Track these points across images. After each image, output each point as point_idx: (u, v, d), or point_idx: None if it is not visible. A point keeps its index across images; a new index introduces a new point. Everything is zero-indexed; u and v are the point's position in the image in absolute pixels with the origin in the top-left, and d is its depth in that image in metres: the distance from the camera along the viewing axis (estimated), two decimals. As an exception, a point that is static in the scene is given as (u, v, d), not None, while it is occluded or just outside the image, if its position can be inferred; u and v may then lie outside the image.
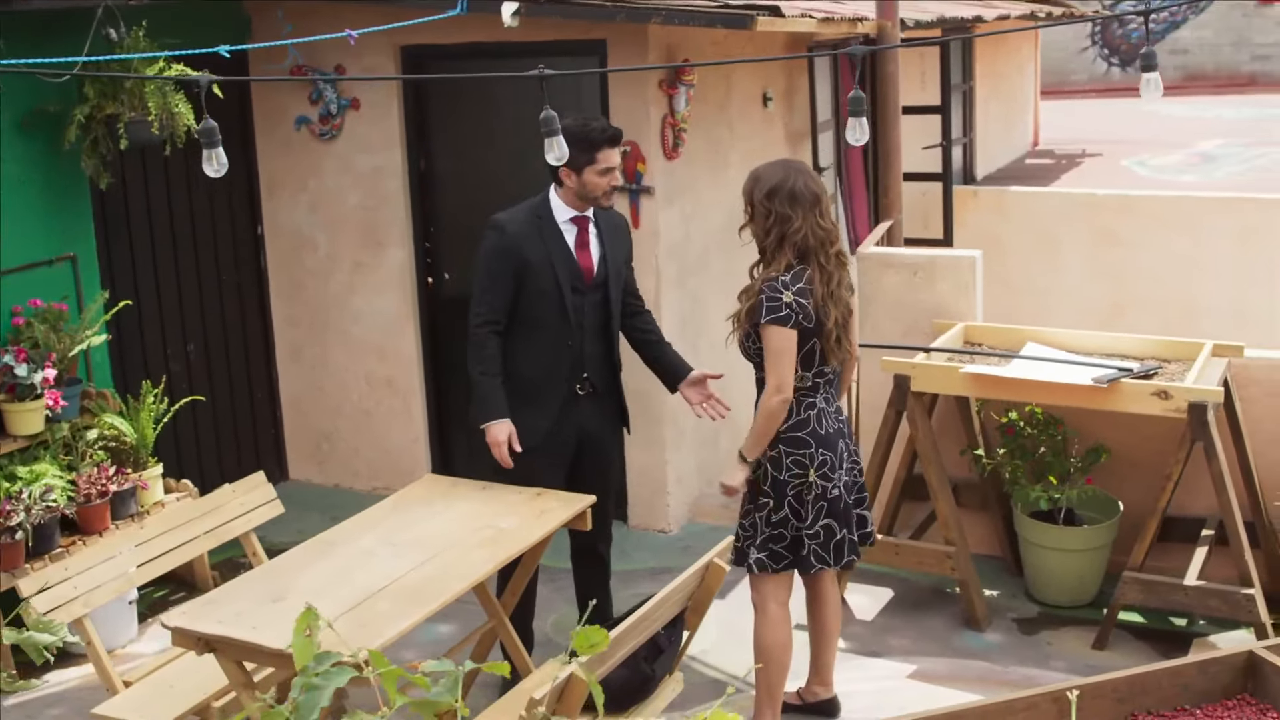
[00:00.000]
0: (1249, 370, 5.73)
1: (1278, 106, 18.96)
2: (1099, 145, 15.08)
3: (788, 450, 4.44)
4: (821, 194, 4.43)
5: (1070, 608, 5.88)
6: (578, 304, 4.91)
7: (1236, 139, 14.87)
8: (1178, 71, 24.55)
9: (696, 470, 7.22)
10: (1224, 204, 10.09)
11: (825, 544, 4.50)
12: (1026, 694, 2.84)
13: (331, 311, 7.55)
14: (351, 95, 7.15)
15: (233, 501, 4.81)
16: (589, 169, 4.78)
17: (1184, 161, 13.28)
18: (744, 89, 7.49)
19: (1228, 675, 3.03)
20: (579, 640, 1.81)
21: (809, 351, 4.40)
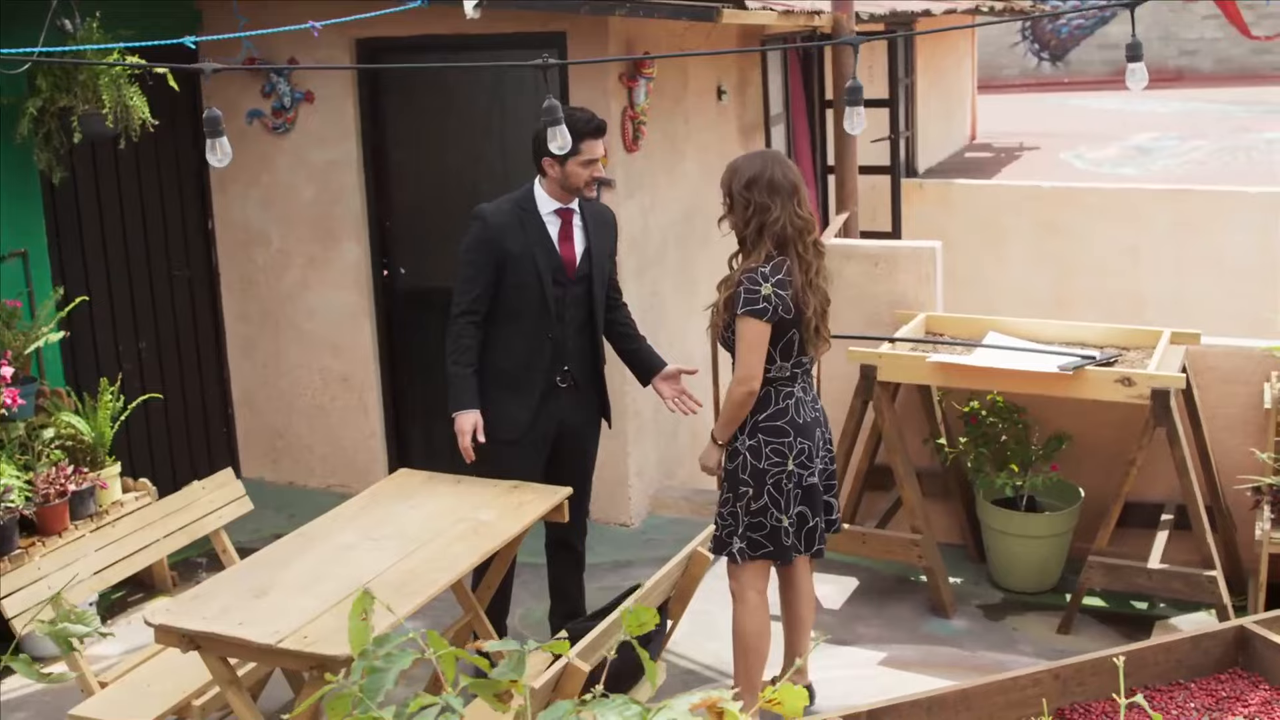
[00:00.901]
0: (1205, 357, 5.82)
1: (1205, 100, 19.27)
2: (1035, 139, 15.27)
3: (767, 439, 4.45)
4: (799, 184, 4.45)
5: (1033, 593, 5.95)
6: (559, 296, 4.89)
7: (1169, 132, 15.10)
8: (1106, 66, 24.91)
9: (657, 463, 7.23)
10: (1165, 195, 10.25)
11: (798, 531, 4.53)
12: (1031, 671, 2.87)
13: (284, 307, 7.47)
14: (305, 88, 7.07)
15: (202, 499, 4.75)
16: (572, 160, 4.76)
17: (1120, 154, 13.47)
18: (699, 83, 7.50)
19: (1220, 649, 3.09)
20: (629, 619, 1.79)
21: (788, 341, 4.42)
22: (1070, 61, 25.59)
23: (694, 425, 7.83)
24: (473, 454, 4.78)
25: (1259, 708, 2.94)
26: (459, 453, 4.87)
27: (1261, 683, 3.03)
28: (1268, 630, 3.08)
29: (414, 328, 7.35)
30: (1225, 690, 3.01)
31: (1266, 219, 9.87)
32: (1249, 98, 18.56)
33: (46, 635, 2.07)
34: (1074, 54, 25.58)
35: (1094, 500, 5.96)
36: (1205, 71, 23.36)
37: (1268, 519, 5.34)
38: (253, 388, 7.67)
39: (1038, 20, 25.16)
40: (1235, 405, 5.84)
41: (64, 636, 2.05)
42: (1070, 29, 25.60)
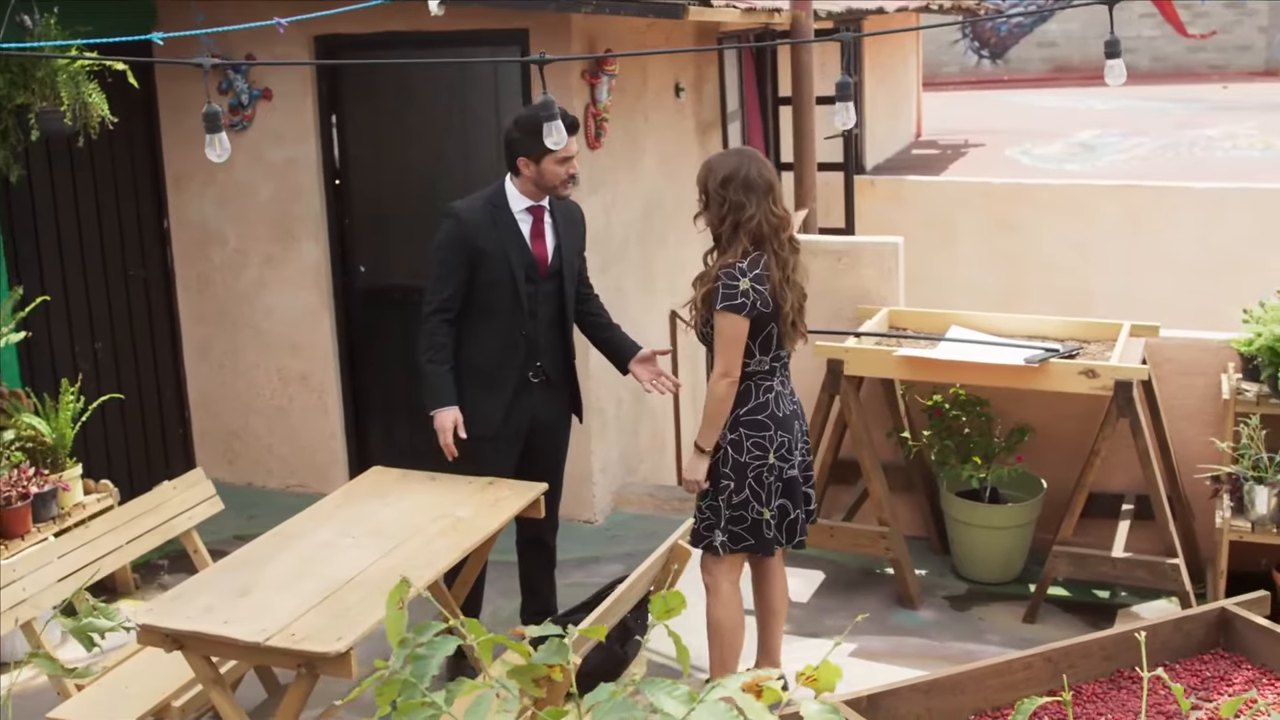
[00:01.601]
0: (1164, 350, 5.90)
1: (1144, 98, 19.52)
2: (979, 136, 15.40)
3: (748, 433, 4.47)
4: (774, 182, 4.47)
5: (998, 584, 6.01)
6: (531, 293, 4.89)
7: (1111, 129, 15.29)
8: (1045, 64, 25.19)
9: (619, 459, 7.24)
10: (1114, 191, 10.38)
11: (779, 524, 4.56)
12: (1024, 655, 2.93)
13: (242, 307, 7.41)
14: (263, 86, 7.02)
15: (173, 499, 4.71)
16: (547, 158, 4.76)
17: (1065, 151, 13.62)
18: (658, 80, 7.52)
19: (1202, 631, 3.17)
20: (657, 605, 1.81)
21: (766, 336, 4.44)
22: (1010, 59, 25.76)
23: (654, 422, 7.85)
24: (455, 450, 4.77)
25: (1243, 687, 3.01)
26: (423, 451, 4.85)
27: (1244, 663, 3.10)
28: (1249, 611, 3.15)
29: (374, 326, 7.32)
30: (1209, 670, 3.08)
31: (1211, 214, 10.04)
32: (1186, 95, 18.84)
33: (70, 632, 2.06)
34: (1013, 52, 25.74)
35: (1055, 491, 6.03)
36: (1142, 69, 23.65)
37: (1227, 507, 5.43)
38: (209, 388, 7.60)
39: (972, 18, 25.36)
40: (1193, 396, 5.93)
41: (86, 633, 2.03)
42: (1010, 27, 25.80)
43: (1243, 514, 5.39)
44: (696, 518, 4.64)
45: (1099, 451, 5.48)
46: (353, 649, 3.42)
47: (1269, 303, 5.68)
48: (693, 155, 8.24)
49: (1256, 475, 5.34)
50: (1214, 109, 17.04)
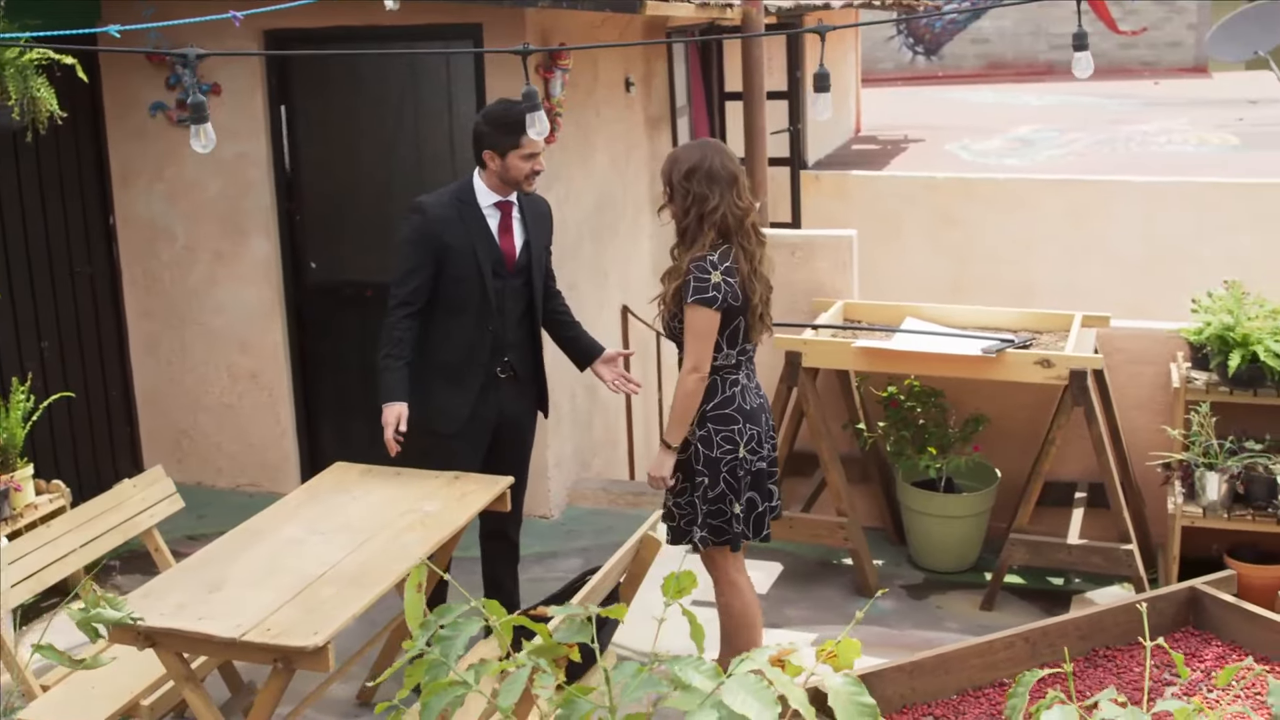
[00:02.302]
0: (1114, 339, 6.00)
1: (1078, 94, 19.74)
2: (918, 131, 15.52)
3: (717, 428, 4.48)
4: (739, 173, 4.48)
5: (953, 573, 6.08)
6: (499, 289, 4.87)
7: (1048, 124, 15.46)
8: (979, 60, 25.44)
9: (573, 455, 7.24)
10: (1055, 186, 10.52)
11: (748, 517, 4.57)
12: (1003, 635, 2.98)
13: (190, 304, 7.33)
14: (212, 80, 6.95)
15: (134, 497, 4.66)
16: (513, 153, 4.75)
17: (1004, 146, 13.76)
18: (609, 75, 7.52)
19: (1172, 610, 3.24)
20: (669, 585, 1.82)
21: (734, 330, 4.45)
22: (944, 56, 26.04)
23: (607, 416, 7.86)
24: (395, 446, 4.73)
25: (1214, 663, 3.08)
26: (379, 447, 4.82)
27: (1213, 639, 3.18)
28: (1217, 590, 3.23)
29: (326, 323, 7.27)
30: (1180, 648, 3.16)
31: (1150, 208, 10.19)
32: (1119, 91, 19.08)
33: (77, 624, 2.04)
34: (948, 48, 26.03)
35: (1008, 480, 6.11)
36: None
37: (1179, 493, 5.52)
38: (157, 386, 7.52)
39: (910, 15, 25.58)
40: (1143, 385, 6.03)
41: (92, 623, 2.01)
42: (944, 23, 26.06)
43: (1194, 500, 5.49)
44: (673, 515, 4.65)
45: (1054, 440, 5.56)
46: (330, 643, 3.40)
47: (1216, 293, 5.78)
48: (642, 150, 8.27)
49: (1207, 462, 5.44)
50: (1147, 105, 17.29)
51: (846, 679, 1.65)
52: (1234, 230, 9.63)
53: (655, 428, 8.72)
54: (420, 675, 1.64)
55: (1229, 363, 5.39)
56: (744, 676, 1.58)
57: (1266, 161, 11.77)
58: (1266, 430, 5.55)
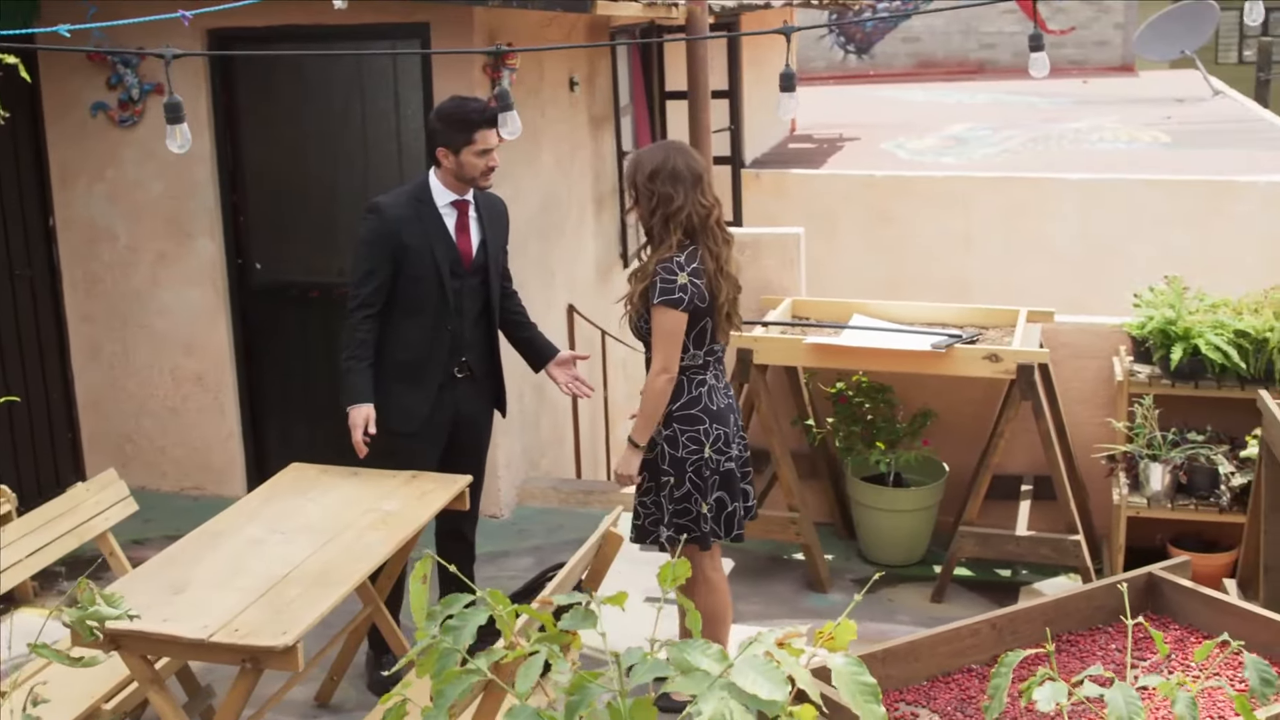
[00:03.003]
0: (1059, 334, 6.10)
1: (1008, 92, 19.98)
2: (852, 130, 15.64)
3: (682, 428, 4.51)
4: (702, 172, 4.52)
5: (903, 566, 6.15)
6: (457, 288, 4.88)
7: (981, 123, 15.63)
8: (910, 59, 25.65)
9: (522, 454, 7.25)
10: (992, 183, 10.65)
11: (717, 517, 4.60)
12: (970, 622, 3.04)
13: (133, 306, 7.26)
14: (154, 80, 6.89)
15: (88, 501, 4.61)
16: (467, 149, 4.75)
17: (939, 144, 13.90)
18: (554, 74, 7.54)
19: (1131, 595, 3.30)
20: (664, 574, 1.85)
21: (701, 330, 4.48)
22: (875, 55, 26.25)
23: (554, 415, 7.88)
24: (365, 449, 4.73)
25: (1173, 645, 3.16)
26: (324, 449, 4.82)
27: (1171, 623, 3.26)
28: (1174, 575, 3.31)
29: (271, 324, 7.23)
30: (1140, 631, 3.23)
31: (1084, 204, 10.35)
32: (1049, 89, 19.30)
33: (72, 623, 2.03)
34: (879, 47, 26.25)
35: (955, 474, 6.20)
36: (1004, 64, 24.21)
37: (1124, 485, 5.63)
38: (99, 390, 7.44)
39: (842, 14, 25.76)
40: (1086, 379, 6.14)
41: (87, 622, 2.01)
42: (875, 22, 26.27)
43: (1139, 491, 5.61)
44: (639, 514, 4.68)
45: (1003, 433, 5.65)
46: (299, 642, 3.40)
47: (1158, 288, 5.89)
48: (586, 149, 8.29)
49: (1151, 453, 5.56)
50: (1077, 103, 17.53)
51: (848, 659, 1.69)
52: (1167, 226, 9.81)
53: (601, 426, 8.75)
54: (432, 665, 1.66)
55: (1171, 356, 5.50)
56: (753, 657, 1.61)
57: (1196, 159, 11.99)
58: (1207, 421, 5.66)
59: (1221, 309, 5.66)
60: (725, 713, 1.53)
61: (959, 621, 3.06)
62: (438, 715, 1.62)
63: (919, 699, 2.92)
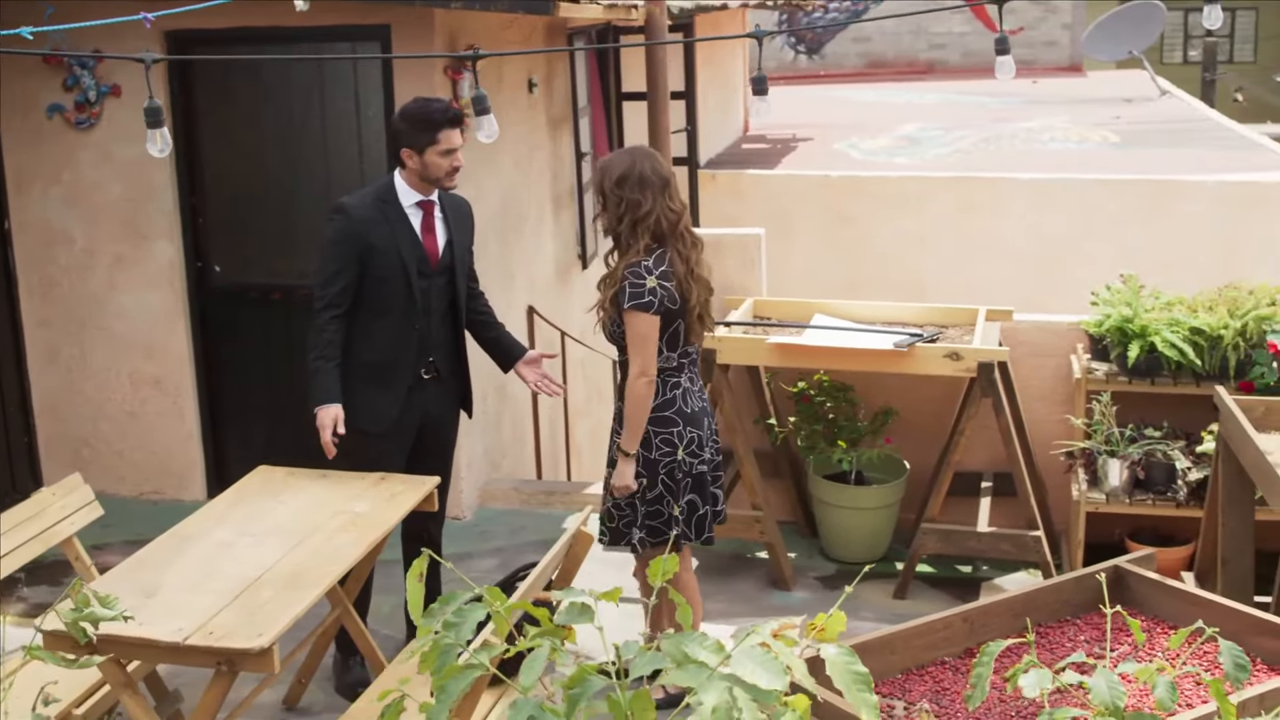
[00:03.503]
0: (1017, 332, 6.17)
1: (958, 92, 20.14)
2: (805, 130, 15.72)
3: (656, 430, 4.54)
4: (670, 177, 4.56)
5: (864, 563, 6.20)
6: (424, 288, 4.89)
7: (933, 123, 15.75)
8: (861, 59, 25.80)
9: (484, 455, 7.25)
10: (947, 183, 10.75)
11: (688, 519, 4.63)
12: (943, 615, 3.10)
13: (90, 309, 7.21)
14: (112, 82, 6.85)
15: (53, 505, 4.58)
16: (430, 149, 4.77)
17: (892, 144, 14.00)
18: (513, 75, 7.55)
19: (1098, 589, 3.36)
20: (654, 569, 1.88)
21: (673, 333, 4.51)
22: (826, 55, 26.38)
23: (515, 416, 7.88)
24: (334, 449, 4.74)
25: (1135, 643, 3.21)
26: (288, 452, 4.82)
27: (1137, 614, 3.32)
28: (1139, 568, 3.37)
29: (231, 327, 7.20)
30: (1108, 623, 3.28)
31: (1038, 204, 10.47)
32: (999, 89, 19.47)
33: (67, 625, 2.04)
34: (829, 47, 26.38)
35: (915, 472, 6.26)
36: (954, 64, 24.41)
37: (1083, 480, 5.71)
38: (56, 394, 7.37)
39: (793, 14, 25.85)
40: (1044, 377, 6.22)
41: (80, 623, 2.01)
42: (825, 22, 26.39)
43: (1097, 486, 5.69)
44: (610, 516, 4.69)
45: (964, 431, 5.72)
46: (275, 644, 3.40)
47: (1114, 286, 5.98)
48: (545, 150, 8.30)
49: (1109, 449, 5.64)
50: (1028, 103, 17.69)
51: (841, 650, 1.73)
52: (1119, 225, 9.94)
53: (561, 427, 8.76)
54: (433, 661, 1.68)
55: (1129, 353, 5.58)
56: (750, 649, 1.64)
57: (1146, 158, 12.15)
58: (1164, 417, 5.75)
59: (1177, 307, 5.75)
60: (730, 702, 1.56)
61: (932, 615, 3.11)
62: (441, 711, 1.64)
63: (894, 691, 2.96)
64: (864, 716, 1.72)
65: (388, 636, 5.42)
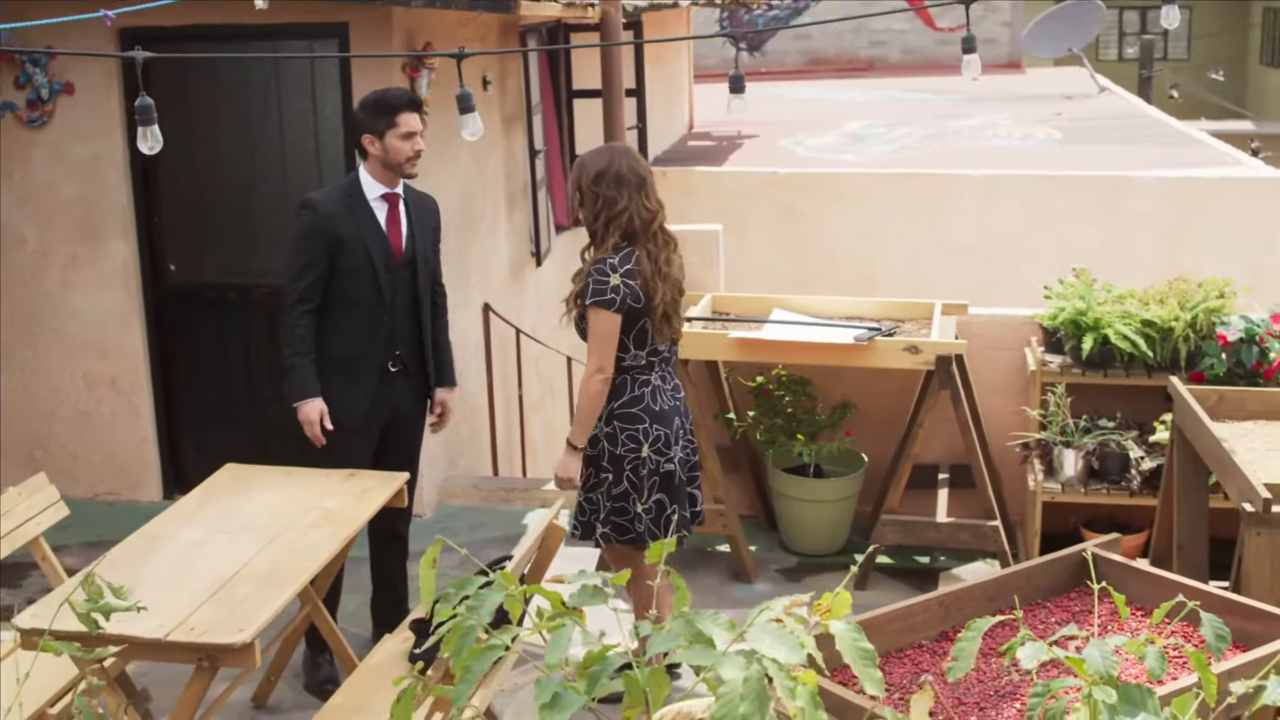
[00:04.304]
0: (972, 326, 6.27)
1: (900, 90, 20.33)
2: (750, 127, 15.80)
3: (622, 426, 4.57)
4: (647, 175, 4.60)
5: (824, 555, 6.28)
6: (390, 281, 4.91)
7: (876, 120, 15.89)
8: (802, 56, 25.98)
9: (443, 452, 7.26)
10: (894, 179, 10.86)
11: (656, 519, 4.65)
12: (920, 600, 3.17)
13: (43, 310, 7.15)
14: (64, 79, 6.80)
15: (19, 506, 4.56)
16: (390, 133, 4.80)
17: (838, 141, 14.12)
18: (468, 73, 7.49)
19: (1068, 572, 3.48)
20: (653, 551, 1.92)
21: (640, 331, 4.53)
22: (767, 52, 26.53)
23: (471, 416, 7.90)
24: (323, 440, 4.79)
25: (1108, 617, 3.30)
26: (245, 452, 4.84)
27: (1105, 596, 3.40)
28: (1107, 551, 3.46)
29: (187, 326, 7.17)
30: (1078, 605, 3.39)
31: (985, 200, 10.60)
32: (940, 87, 19.69)
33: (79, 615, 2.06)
34: (771, 44, 26.53)
35: (872, 464, 6.34)
36: (894, 61, 24.64)
37: (1039, 471, 5.81)
38: (9, 395, 7.30)
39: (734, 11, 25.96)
40: (998, 370, 6.32)
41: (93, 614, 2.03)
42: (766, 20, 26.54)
43: (1053, 477, 5.78)
44: (582, 510, 4.73)
45: (923, 423, 5.80)
46: (256, 639, 3.42)
47: (1067, 280, 6.09)
48: (499, 148, 8.32)
49: (1064, 440, 5.74)
50: (969, 100, 17.88)
51: (848, 626, 1.78)
52: (1066, 220, 10.09)
53: (516, 425, 8.79)
54: (455, 642, 1.72)
55: (1083, 345, 5.68)
56: (766, 625, 1.69)
57: (1089, 154, 12.33)
58: (1117, 408, 5.86)
59: (1128, 300, 5.86)
60: (760, 671, 1.61)
61: (909, 600, 3.18)
62: (464, 692, 1.67)
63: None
64: (869, 690, 1.78)
65: (355, 634, 5.43)
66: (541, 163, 9.02)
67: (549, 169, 9.39)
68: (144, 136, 3.36)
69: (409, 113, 4.84)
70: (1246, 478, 3.93)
